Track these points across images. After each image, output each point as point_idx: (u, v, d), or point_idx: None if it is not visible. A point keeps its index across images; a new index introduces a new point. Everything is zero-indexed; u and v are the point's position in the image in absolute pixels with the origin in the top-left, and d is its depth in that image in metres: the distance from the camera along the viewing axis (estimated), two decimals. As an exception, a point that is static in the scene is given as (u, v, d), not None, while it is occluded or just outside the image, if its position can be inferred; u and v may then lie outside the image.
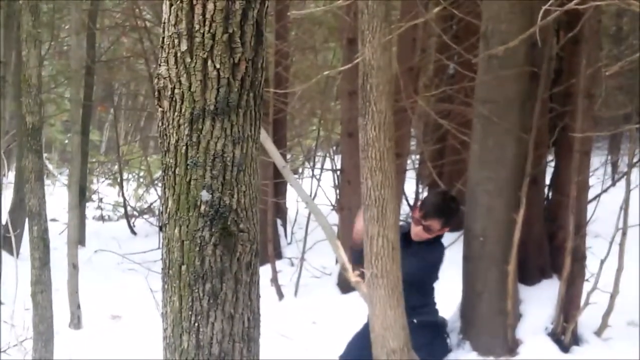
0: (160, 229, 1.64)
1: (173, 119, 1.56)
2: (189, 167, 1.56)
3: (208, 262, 1.59)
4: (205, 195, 1.56)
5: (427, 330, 3.79)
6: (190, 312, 1.61)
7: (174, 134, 1.56)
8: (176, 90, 1.54)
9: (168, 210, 1.61)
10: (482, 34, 3.92)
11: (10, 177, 9.63)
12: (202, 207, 1.56)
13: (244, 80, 1.54)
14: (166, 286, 1.65)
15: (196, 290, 1.60)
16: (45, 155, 14.59)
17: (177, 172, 1.57)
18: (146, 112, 13.35)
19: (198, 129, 1.54)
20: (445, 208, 3.74)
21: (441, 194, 4.30)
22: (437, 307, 3.96)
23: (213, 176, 1.56)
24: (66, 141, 13.74)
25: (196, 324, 1.62)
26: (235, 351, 1.65)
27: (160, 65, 1.55)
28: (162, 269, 1.65)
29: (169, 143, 1.58)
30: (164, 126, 1.58)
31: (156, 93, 1.57)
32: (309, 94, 8.51)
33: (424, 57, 6.20)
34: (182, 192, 1.58)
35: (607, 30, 7.65)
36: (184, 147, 1.56)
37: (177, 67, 1.52)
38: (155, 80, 1.57)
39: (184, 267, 1.60)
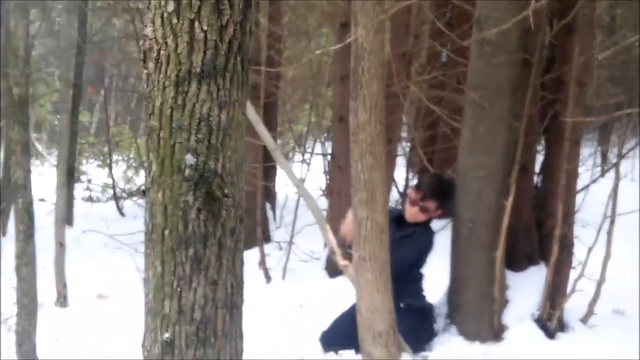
0: (144, 193, 1.62)
1: (158, 81, 1.53)
2: (173, 130, 1.54)
3: (191, 226, 1.57)
4: (189, 159, 1.54)
5: (414, 315, 3.82)
6: (172, 277, 1.60)
7: (159, 97, 1.54)
8: (162, 52, 1.52)
9: (152, 174, 1.59)
10: (476, 19, 3.90)
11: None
12: (187, 171, 1.55)
13: (231, 43, 1.52)
14: (149, 251, 1.62)
15: (179, 255, 1.58)
16: (34, 135, 14.53)
17: (161, 135, 1.55)
18: (137, 94, 13.26)
19: (183, 92, 1.52)
20: (443, 190, 3.89)
21: (437, 176, 4.37)
22: (425, 292, 3.99)
23: (198, 140, 1.54)
24: (56, 122, 13.65)
25: (178, 289, 1.60)
26: (217, 317, 1.63)
27: (146, 26, 1.53)
28: (145, 233, 1.63)
29: (153, 105, 1.56)
30: (149, 88, 1.56)
31: (141, 54, 1.55)
32: (301, 79, 8.45)
33: (417, 44, 6.17)
34: (166, 155, 1.56)
35: (601, 21, 7.65)
36: (169, 110, 1.54)
37: (163, 28, 1.50)
38: (141, 42, 1.55)
39: (166, 232, 1.58)
